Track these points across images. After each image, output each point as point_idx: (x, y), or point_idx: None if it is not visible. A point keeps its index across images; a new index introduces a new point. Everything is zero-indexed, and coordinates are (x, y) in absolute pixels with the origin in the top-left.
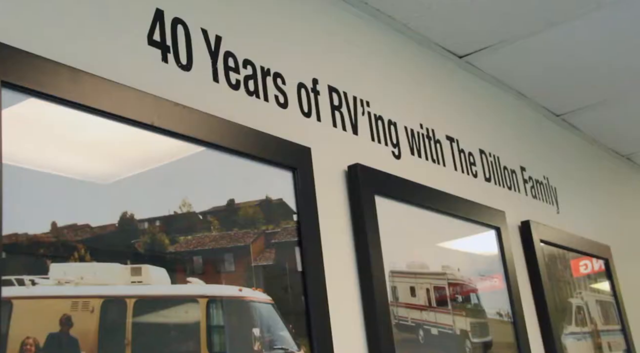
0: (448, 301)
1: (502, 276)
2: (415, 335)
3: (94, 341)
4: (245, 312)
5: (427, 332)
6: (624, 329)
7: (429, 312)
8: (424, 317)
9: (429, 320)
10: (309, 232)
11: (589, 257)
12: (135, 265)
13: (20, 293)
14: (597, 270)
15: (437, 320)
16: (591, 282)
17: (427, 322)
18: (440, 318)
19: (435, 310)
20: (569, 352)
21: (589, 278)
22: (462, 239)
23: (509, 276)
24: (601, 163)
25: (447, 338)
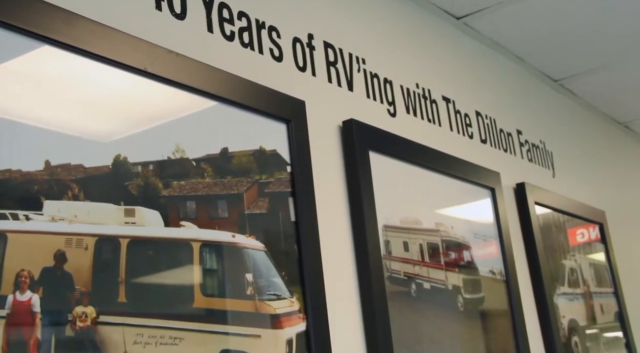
0: (441, 257)
1: (496, 235)
2: (408, 289)
3: (88, 277)
4: (239, 258)
5: (419, 286)
6: (616, 292)
7: (422, 267)
8: (416, 271)
9: (422, 274)
10: (303, 183)
11: (585, 225)
12: (129, 207)
13: (14, 227)
14: (593, 239)
15: (429, 275)
16: (587, 249)
17: (419, 276)
18: (433, 273)
19: (428, 265)
20: (561, 312)
21: (586, 247)
22: (457, 198)
23: (502, 236)
24: (598, 130)
25: (439, 292)
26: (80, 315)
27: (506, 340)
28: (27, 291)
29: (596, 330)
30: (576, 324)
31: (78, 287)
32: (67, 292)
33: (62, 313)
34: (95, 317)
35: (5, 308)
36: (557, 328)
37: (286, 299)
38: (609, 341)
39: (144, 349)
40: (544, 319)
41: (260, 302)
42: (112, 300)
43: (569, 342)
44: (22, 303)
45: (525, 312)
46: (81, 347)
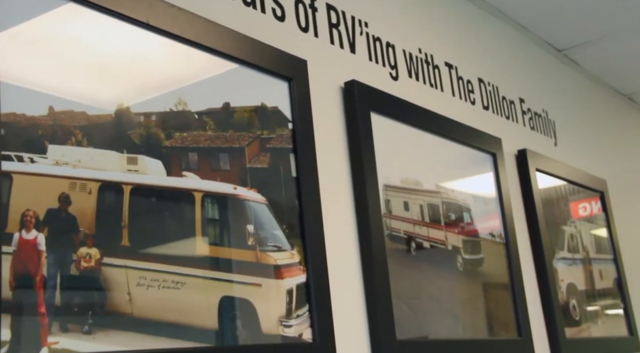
0: (441, 218)
1: (496, 199)
2: (407, 247)
3: (92, 220)
4: (240, 209)
5: (419, 245)
6: (615, 259)
7: (422, 227)
8: (416, 231)
9: (422, 234)
10: (304, 140)
11: (588, 199)
12: (132, 155)
13: (19, 169)
14: (595, 212)
15: (429, 235)
16: (589, 220)
17: (419, 236)
18: (432, 233)
19: (428, 225)
20: (560, 276)
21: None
22: (458, 162)
23: (502, 200)
24: (602, 101)
25: (439, 252)
26: (85, 255)
27: (505, 300)
28: (32, 230)
29: (595, 294)
30: (574, 288)
31: (82, 229)
32: (71, 233)
33: (66, 253)
34: (99, 259)
35: (12, 246)
36: (555, 291)
37: (287, 251)
38: (607, 306)
39: (146, 291)
40: (543, 282)
41: (261, 252)
42: (115, 243)
43: (567, 305)
44: (28, 241)
45: (524, 274)
46: (86, 285)
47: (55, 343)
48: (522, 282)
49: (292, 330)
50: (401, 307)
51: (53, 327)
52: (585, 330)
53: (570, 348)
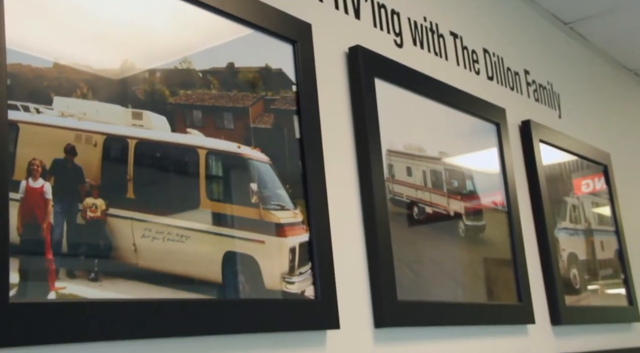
0: (444, 184)
1: (499, 168)
2: (410, 211)
3: (98, 172)
4: (244, 168)
5: (421, 210)
6: (617, 231)
7: (424, 192)
8: (419, 196)
9: (424, 199)
10: (308, 103)
11: (591, 176)
12: (137, 110)
13: (25, 119)
14: (598, 189)
15: (432, 200)
16: (591, 195)
17: (422, 201)
18: (435, 198)
19: (430, 191)
20: (561, 245)
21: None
22: (461, 131)
23: (505, 169)
24: (607, 75)
25: (441, 218)
26: (91, 205)
27: (506, 266)
28: (39, 179)
29: (595, 265)
30: (575, 258)
31: (88, 180)
32: (77, 184)
33: (73, 202)
34: (105, 209)
35: (19, 193)
36: (556, 259)
37: (290, 210)
38: (608, 276)
39: (151, 243)
40: (544, 250)
41: (264, 210)
42: (121, 195)
43: (568, 273)
44: (35, 189)
45: (526, 242)
46: (92, 235)
47: (63, 288)
48: (523, 249)
49: (295, 287)
50: (403, 269)
51: (60, 272)
52: (585, 299)
53: (569, 315)
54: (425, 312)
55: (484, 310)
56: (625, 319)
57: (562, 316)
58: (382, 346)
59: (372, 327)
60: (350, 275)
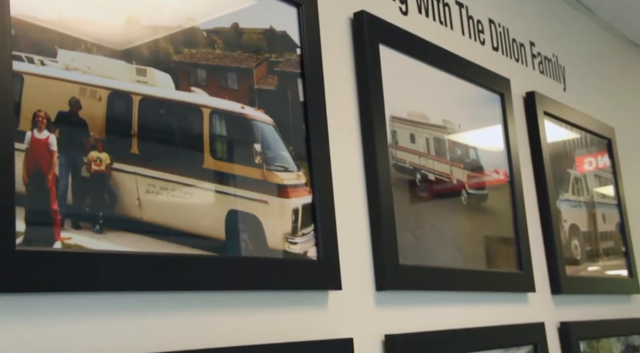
0: (447, 152)
1: (502, 138)
2: (413, 178)
3: (102, 126)
4: (247, 128)
5: (424, 177)
6: (619, 204)
7: (427, 159)
8: (422, 163)
9: (427, 166)
10: (312, 66)
11: (594, 154)
12: (141, 66)
13: (30, 70)
14: (601, 167)
15: (434, 168)
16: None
17: (425, 168)
18: (438, 166)
19: (433, 158)
20: (563, 216)
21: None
22: (465, 100)
23: (509, 140)
24: (614, 50)
25: (443, 185)
26: (95, 159)
27: (507, 235)
28: (44, 130)
29: (597, 236)
30: (577, 229)
31: (92, 134)
32: (82, 137)
33: (77, 155)
34: (110, 164)
35: (25, 143)
36: (557, 230)
37: (293, 172)
38: (609, 248)
39: (156, 198)
40: (546, 220)
41: (268, 171)
42: (125, 150)
43: (569, 244)
44: (40, 140)
45: (528, 212)
46: (96, 188)
47: (68, 238)
48: (525, 218)
49: (297, 247)
50: (405, 234)
51: (65, 223)
52: (586, 270)
53: (570, 285)
54: (427, 277)
55: (485, 277)
56: (625, 291)
57: (562, 285)
58: (383, 308)
59: (373, 290)
60: (352, 238)
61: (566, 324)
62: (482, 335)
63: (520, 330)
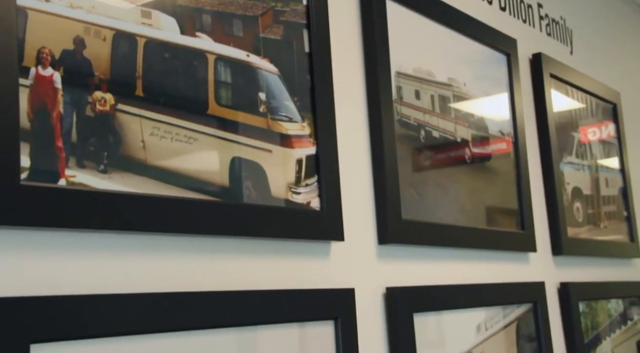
0: (451, 110)
1: (507, 98)
2: (417, 134)
3: (107, 67)
4: (252, 76)
5: (428, 134)
6: (622, 169)
7: (432, 116)
8: (426, 120)
9: (431, 123)
10: (318, 18)
11: (598, 124)
12: (146, 8)
13: (33, 5)
14: (604, 137)
15: (439, 125)
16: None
17: (429, 125)
18: (442, 124)
19: (438, 116)
20: (566, 179)
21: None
22: (471, 58)
23: (514, 100)
24: (623, 15)
25: (447, 143)
26: (100, 99)
27: (510, 195)
28: (48, 67)
29: (599, 200)
30: (580, 192)
31: (97, 74)
32: (86, 76)
33: (82, 94)
34: (114, 104)
35: (29, 79)
36: (560, 192)
37: (297, 123)
38: (610, 212)
39: (160, 142)
40: (549, 182)
41: (272, 120)
42: (129, 91)
43: (571, 206)
44: (45, 77)
45: (531, 173)
46: (101, 128)
47: (73, 176)
48: (528, 179)
49: (301, 198)
50: (407, 190)
51: (70, 161)
52: (587, 232)
53: (571, 246)
54: (429, 232)
55: (487, 235)
56: (626, 255)
57: (563, 246)
58: (384, 262)
59: (375, 243)
60: (355, 190)
61: (566, 285)
62: (482, 291)
63: (521, 289)
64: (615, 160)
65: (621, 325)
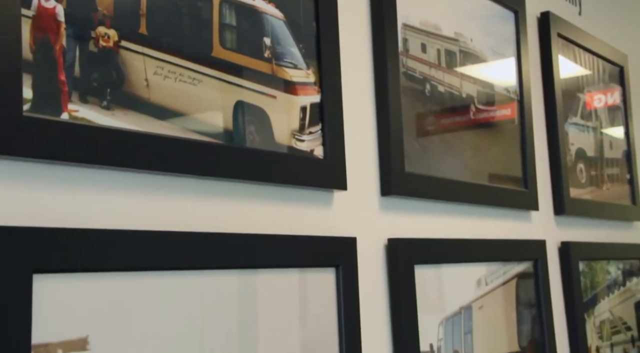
0: (457, 65)
1: (514, 56)
2: (422, 88)
3: (110, 2)
4: (258, 21)
5: (434, 88)
6: (627, 133)
7: (438, 71)
8: (432, 74)
9: (437, 77)
10: None
11: (604, 91)
12: None
13: None
14: (610, 104)
15: (444, 80)
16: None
17: (434, 79)
18: (448, 78)
19: (444, 70)
20: (570, 139)
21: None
22: (478, 14)
23: (521, 58)
24: None
25: (453, 98)
26: (103, 35)
27: (514, 153)
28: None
29: (603, 162)
30: (583, 153)
31: (100, 9)
32: (89, 10)
33: (85, 28)
34: (117, 41)
35: (31, 10)
36: (564, 152)
37: (302, 70)
38: (613, 175)
39: (163, 81)
40: (553, 141)
41: (277, 66)
42: (133, 29)
43: (575, 167)
44: (47, 9)
45: (535, 132)
46: (104, 63)
47: (76, 111)
48: (532, 137)
49: (304, 145)
50: (411, 143)
51: (73, 96)
52: (590, 193)
53: (573, 207)
54: (432, 186)
55: (489, 191)
56: (627, 217)
57: (565, 206)
58: (387, 213)
59: (378, 194)
60: (359, 141)
61: (567, 244)
62: (484, 246)
63: (522, 246)
64: (620, 123)
65: (620, 286)
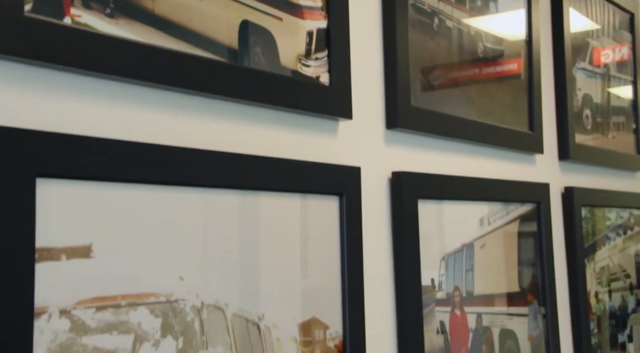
0: (467, 1)
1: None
2: (430, 21)
3: None
4: None
5: (442, 22)
6: (635, 81)
7: (446, 5)
8: (441, 8)
9: (446, 12)
10: None
11: (612, 46)
12: None
13: None
14: (617, 60)
15: (453, 15)
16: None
17: (443, 13)
18: (456, 14)
19: (453, 5)
20: (577, 84)
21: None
22: None
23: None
24: None
25: (461, 34)
26: None
27: (520, 95)
28: None
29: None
30: (590, 99)
31: None
32: None
33: None
34: None
35: None
36: (571, 96)
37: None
38: (619, 123)
39: None
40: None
41: None
42: None
43: (581, 113)
44: None
45: (543, 75)
46: None
47: (78, 16)
48: (540, 80)
49: (310, 71)
50: (418, 77)
51: (75, 0)
52: (595, 140)
53: (577, 152)
54: (438, 122)
55: (495, 132)
56: (632, 167)
57: (570, 151)
58: (392, 146)
59: (383, 127)
60: (365, 70)
61: (570, 189)
62: (488, 186)
63: (526, 188)
64: (628, 71)
65: (621, 234)
